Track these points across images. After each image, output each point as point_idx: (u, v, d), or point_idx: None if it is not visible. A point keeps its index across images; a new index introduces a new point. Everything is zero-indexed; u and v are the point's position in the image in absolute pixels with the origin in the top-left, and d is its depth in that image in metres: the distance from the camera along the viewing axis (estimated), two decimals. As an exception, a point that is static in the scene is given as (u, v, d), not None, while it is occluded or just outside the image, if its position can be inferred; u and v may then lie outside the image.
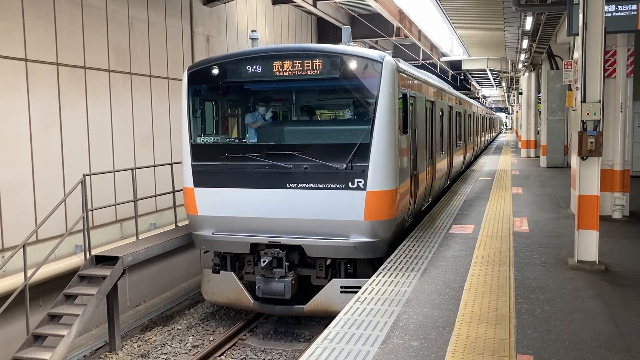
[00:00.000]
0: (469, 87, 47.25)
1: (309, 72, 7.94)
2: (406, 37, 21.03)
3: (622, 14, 8.05)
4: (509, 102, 66.03)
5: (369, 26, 20.04)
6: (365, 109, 8.34)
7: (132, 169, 9.49)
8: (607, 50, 9.55)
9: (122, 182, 11.00)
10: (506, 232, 9.01)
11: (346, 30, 9.29)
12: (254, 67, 8.18)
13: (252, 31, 9.87)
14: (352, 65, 7.85)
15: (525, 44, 17.65)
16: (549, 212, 10.92)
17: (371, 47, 22.98)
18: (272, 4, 18.36)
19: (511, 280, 6.46)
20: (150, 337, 9.18)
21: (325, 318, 8.41)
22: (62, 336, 7.26)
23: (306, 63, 7.91)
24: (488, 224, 9.75)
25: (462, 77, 40.97)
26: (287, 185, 7.94)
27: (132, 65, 11.81)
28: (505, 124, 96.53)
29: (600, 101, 6.81)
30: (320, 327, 8.78)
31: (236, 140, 9.18)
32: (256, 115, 8.91)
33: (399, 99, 8.04)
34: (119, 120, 11.43)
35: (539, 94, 23.75)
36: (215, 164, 8.31)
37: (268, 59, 8.12)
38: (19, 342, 7.58)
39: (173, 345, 8.74)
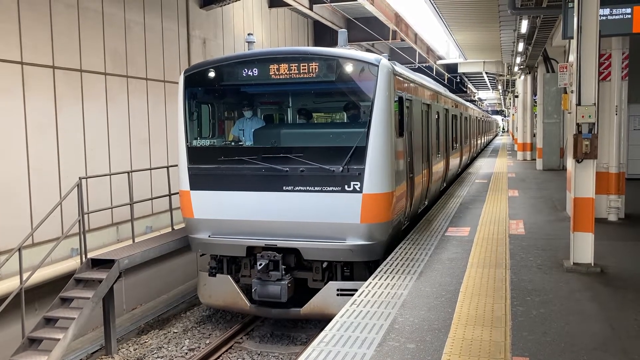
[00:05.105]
0: (465, 90, 47.34)
1: (305, 76, 7.95)
2: (402, 40, 21.09)
3: (617, 17, 8.07)
4: (505, 105, 66.22)
5: (366, 29, 20.09)
6: (361, 112, 8.37)
7: (128, 172, 9.48)
8: (602, 53, 9.59)
9: (119, 185, 10.99)
10: (502, 235, 9.03)
11: (342, 34, 9.31)
12: (251, 70, 8.18)
13: (248, 34, 9.88)
14: (349, 68, 7.87)
15: (521, 47, 17.72)
16: (545, 215, 10.95)
17: (367, 50, 23.02)
18: (269, 7, 18.40)
19: (507, 282, 6.48)
20: (147, 340, 9.16)
21: (321, 321, 8.40)
22: (58, 340, 7.23)
23: (302, 66, 7.92)
24: (484, 226, 9.76)
25: (458, 80, 41.08)
26: (284, 188, 7.94)
27: (129, 68, 11.81)
28: (503, 128, 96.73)
29: (595, 104, 6.84)
30: (316, 329, 8.77)
31: (232, 143, 9.18)
32: (247, 121, 8.93)
33: (395, 101, 8.05)
34: (115, 123, 11.42)
35: (535, 96, 23.83)
36: (211, 167, 8.31)
37: (264, 62, 8.12)
38: (15, 345, 7.55)
39: (169, 349, 8.72)
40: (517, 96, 31.98)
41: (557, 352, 4.58)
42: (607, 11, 8.05)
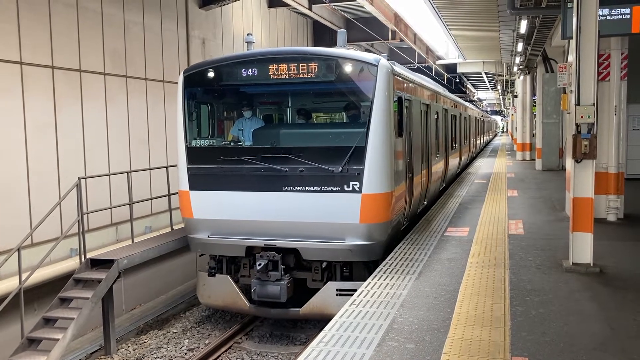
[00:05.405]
0: (464, 90, 47.35)
1: (304, 76, 7.95)
2: (402, 40, 21.09)
3: (616, 17, 8.07)
4: (504, 105, 66.23)
5: (365, 29, 20.10)
6: (360, 112, 8.37)
7: (127, 172, 9.47)
8: (601, 53, 9.60)
9: (118, 185, 10.98)
10: (501, 235, 9.03)
11: (342, 34, 9.30)
12: (250, 70, 8.18)
13: (247, 34, 9.87)
14: (348, 68, 7.87)
15: (520, 47, 17.73)
16: (544, 215, 10.95)
17: (367, 50, 23.03)
18: (268, 7, 18.39)
19: (506, 282, 6.48)
20: (146, 340, 9.15)
21: (321, 321, 8.40)
22: (57, 340, 7.23)
23: (302, 66, 7.92)
24: (483, 226, 9.77)
25: (457, 80, 41.09)
26: (283, 188, 7.94)
27: (128, 68, 11.81)
28: (502, 128, 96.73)
29: (594, 104, 6.85)
30: (316, 330, 8.76)
31: (232, 143, 9.19)
32: (247, 121, 8.93)
33: (394, 102, 8.05)
34: (114, 123, 11.41)
35: (534, 97, 23.84)
36: (211, 167, 8.31)
37: (264, 62, 8.12)
38: (14, 345, 7.54)
39: (168, 349, 8.72)
40: (516, 96, 31.98)
41: (556, 352, 4.58)
42: (606, 11, 8.04)
